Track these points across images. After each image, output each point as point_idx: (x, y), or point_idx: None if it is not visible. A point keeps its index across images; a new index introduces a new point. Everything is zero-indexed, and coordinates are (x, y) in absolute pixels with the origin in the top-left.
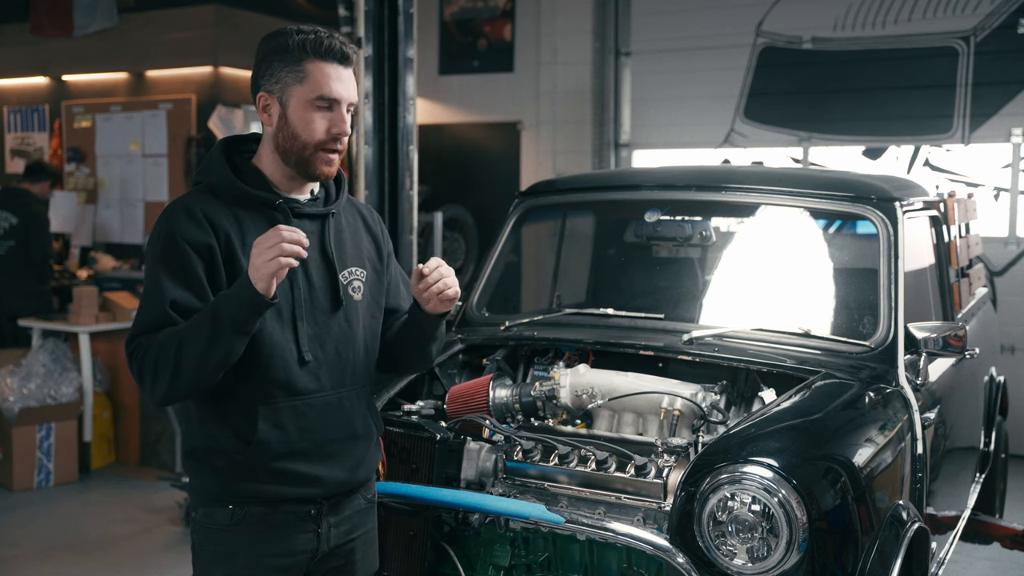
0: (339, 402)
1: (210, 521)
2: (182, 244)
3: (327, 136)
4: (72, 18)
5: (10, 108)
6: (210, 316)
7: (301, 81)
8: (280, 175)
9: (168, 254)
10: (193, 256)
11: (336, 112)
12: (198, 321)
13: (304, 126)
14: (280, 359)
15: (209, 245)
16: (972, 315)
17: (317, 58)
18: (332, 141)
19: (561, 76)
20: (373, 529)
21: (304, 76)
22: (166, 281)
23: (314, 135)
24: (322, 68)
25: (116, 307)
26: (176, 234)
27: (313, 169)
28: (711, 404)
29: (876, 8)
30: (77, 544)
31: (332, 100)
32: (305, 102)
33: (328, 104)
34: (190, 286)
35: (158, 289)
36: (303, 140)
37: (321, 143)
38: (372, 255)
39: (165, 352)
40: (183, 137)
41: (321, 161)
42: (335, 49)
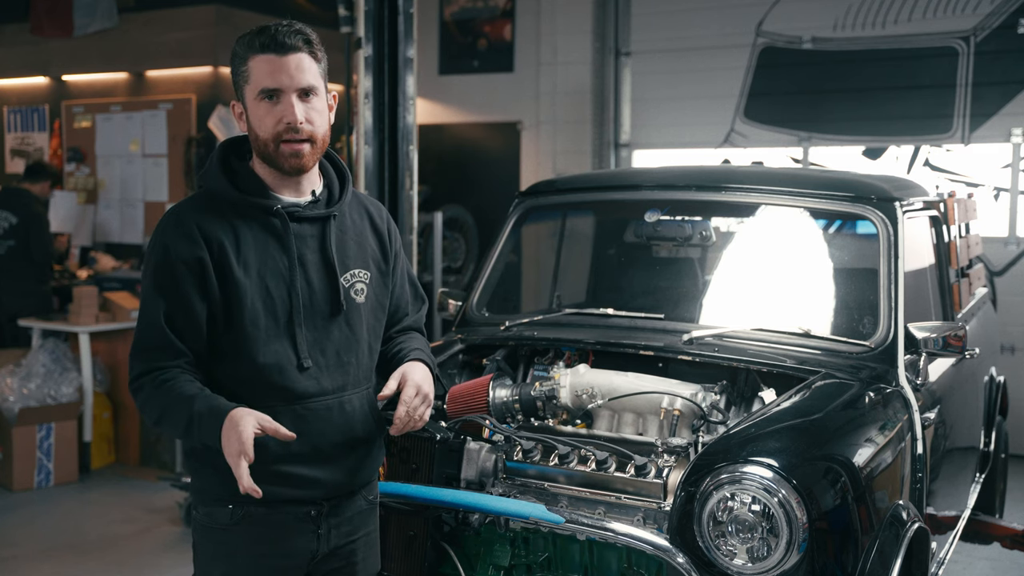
0: (340, 406)
1: (210, 520)
2: (173, 260)
3: (280, 127)
4: (72, 18)
5: (10, 108)
6: (186, 420)
7: (248, 80)
8: (272, 178)
9: (160, 270)
10: (183, 271)
11: (282, 102)
12: (178, 410)
13: (258, 123)
14: (277, 367)
15: (200, 258)
16: (972, 315)
17: (255, 53)
18: (288, 131)
19: (561, 76)
20: (374, 531)
21: (248, 74)
22: (159, 298)
23: (265, 129)
24: (259, 62)
25: (116, 307)
26: (169, 248)
27: (281, 163)
28: (711, 404)
29: (876, 8)
30: (77, 544)
31: (273, 90)
32: (253, 100)
33: (270, 94)
34: (182, 303)
35: (153, 305)
36: (261, 137)
37: (277, 136)
38: (377, 255)
39: (151, 407)
40: (183, 137)
41: (284, 154)
42: (269, 40)
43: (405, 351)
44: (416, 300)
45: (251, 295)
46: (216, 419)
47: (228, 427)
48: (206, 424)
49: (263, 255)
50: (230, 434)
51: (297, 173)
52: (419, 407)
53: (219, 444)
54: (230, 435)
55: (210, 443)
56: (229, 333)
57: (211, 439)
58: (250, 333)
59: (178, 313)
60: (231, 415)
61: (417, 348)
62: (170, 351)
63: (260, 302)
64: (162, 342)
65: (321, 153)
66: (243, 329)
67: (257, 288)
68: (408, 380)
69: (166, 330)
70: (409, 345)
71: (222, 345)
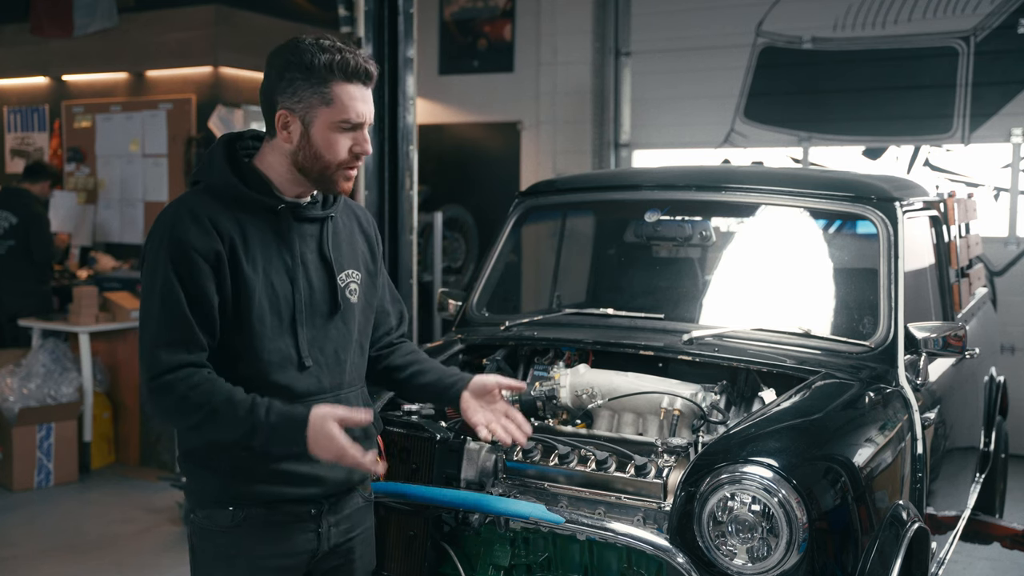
0: (337, 403)
1: (210, 523)
2: (190, 251)
3: (350, 156)
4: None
5: (10, 108)
6: (248, 426)
7: (328, 103)
8: (287, 181)
9: (177, 261)
10: (204, 265)
11: (360, 132)
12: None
13: (328, 147)
14: (280, 365)
15: (217, 252)
16: (972, 315)
17: (344, 80)
18: (354, 160)
19: (561, 76)
20: (371, 528)
21: (331, 99)
22: (178, 289)
23: (338, 156)
24: (349, 91)
25: (116, 307)
26: (184, 240)
27: (335, 187)
28: (711, 404)
29: (876, 8)
30: (77, 544)
31: (359, 123)
32: (330, 124)
33: (353, 126)
34: (200, 294)
35: (172, 296)
36: (327, 160)
37: (344, 162)
38: (367, 257)
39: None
40: (183, 137)
41: (342, 178)
42: (361, 70)
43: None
44: (396, 303)
45: (259, 292)
46: (297, 427)
47: (316, 433)
48: (282, 433)
49: (268, 252)
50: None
51: (338, 194)
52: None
53: (299, 449)
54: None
55: (282, 450)
56: (236, 330)
57: (288, 446)
58: (257, 330)
59: (197, 305)
60: (313, 421)
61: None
62: (194, 345)
63: (266, 300)
64: (187, 335)
65: None
66: (251, 326)
67: (264, 285)
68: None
69: (192, 322)
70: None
71: (228, 341)
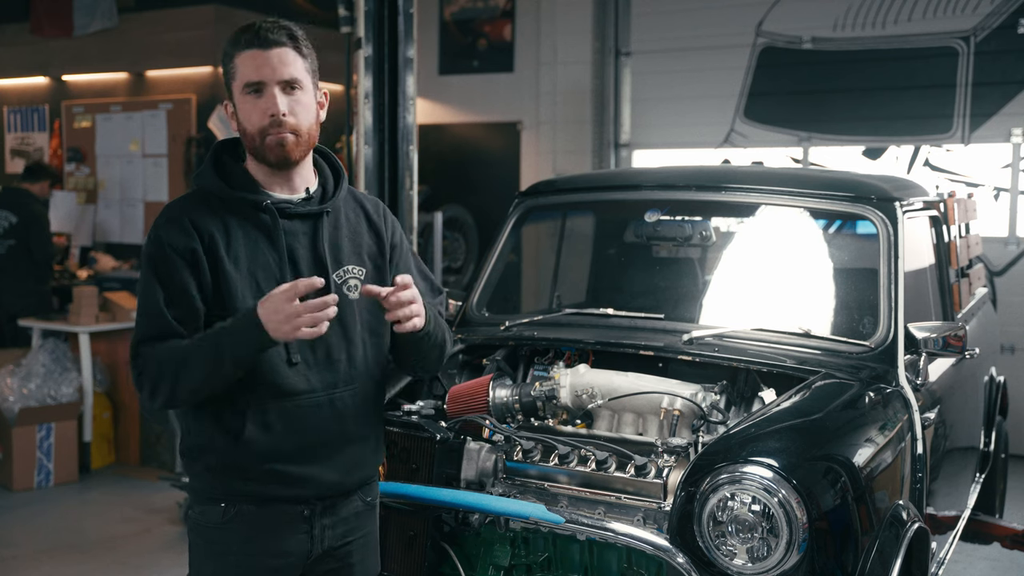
0: (330, 403)
1: (204, 519)
2: (168, 250)
3: (265, 120)
4: (72, 18)
5: (10, 108)
6: (212, 346)
7: (234, 76)
8: (263, 175)
9: (156, 261)
10: (179, 261)
11: (266, 95)
12: (199, 347)
13: (245, 117)
14: (268, 362)
15: (193, 249)
16: (972, 315)
17: (239, 49)
18: (273, 125)
19: (561, 76)
20: (373, 532)
21: (235, 70)
22: (157, 288)
23: (253, 123)
24: (244, 58)
25: (116, 307)
26: (163, 240)
27: (267, 155)
28: (711, 404)
29: (876, 8)
30: (77, 544)
31: (256, 83)
32: (240, 95)
33: (255, 88)
34: (179, 291)
35: (152, 296)
36: (249, 131)
37: (263, 129)
38: (374, 251)
39: (164, 369)
40: (183, 137)
41: (271, 146)
42: (252, 36)
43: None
44: (432, 292)
45: (241, 289)
46: (246, 325)
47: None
48: (238, 337)
49: (253, 251)
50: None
51: (284, 165)
52: (407, 299)
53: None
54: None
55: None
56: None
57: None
58: None
59: (176, 302)
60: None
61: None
62: (172, 337)
63: (251, 297)
64: (164, 330)
65: (308, 147)
66: None
67: (248, 283)
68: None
69: (168, 317)
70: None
71: None
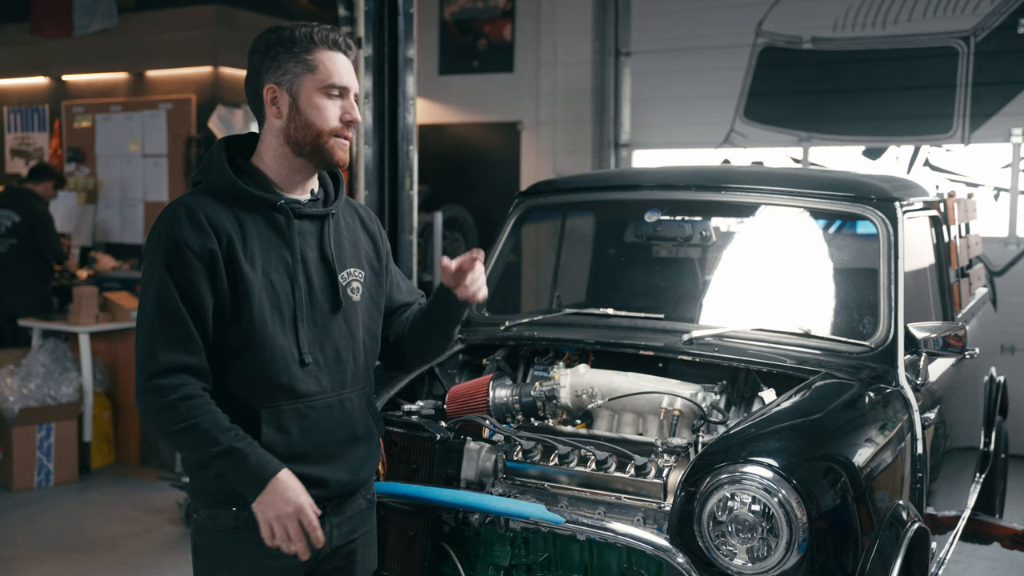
0: (340, 404)
1: (213, 523)
2: (184, 251)
3: (340, 122)
4: (72, 18)
5: (10, 108)
6: (218, 451)
7: (312, 70)
8: (282, 174)
9: (171, 261)
10: (197, 264)
11: (347, 99)
12: (208, 438)
13: (318, 114)
14: (281, 362)
15: (212, 250)
16: (972, 315)
17: (326, 48)
18: (345, 127)
19: (561, 76)
20: (373, 529)
21: (315, 65)
22: (172, 287)
23: (328, 122)
24: (331, 57)
25: (116, 307)
26: (179, 240)
27: (330, 156)
28: (711, 404)
29: (876, 8)
30: (77, 544)
31: (343, 88)
32: (317, 90)
33: (339, 92)
34: (194, 293)
35: (167, 294)
36: (318, 128)
37: (335, 130)
38: (371, 256)
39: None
40: (183, 137)
41: (337, 147)
42: (340, 40)
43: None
44: (413, 292)
45: (257, 289)
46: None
47: (261, 507)
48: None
49: (267, 250)
50: (279, 498)
51: (334, 167)
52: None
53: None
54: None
55: (235, 479)
56: (236, 328)
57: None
58: (258, 328)
59: (191, 303)
60: (283, 478)
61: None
62: (191, 344)
63: (266, 297)
64: (183, 334)
65: None
66: (251, 324)
67: (263, 283)
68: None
69: (188, 321)
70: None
71: (228, 340)
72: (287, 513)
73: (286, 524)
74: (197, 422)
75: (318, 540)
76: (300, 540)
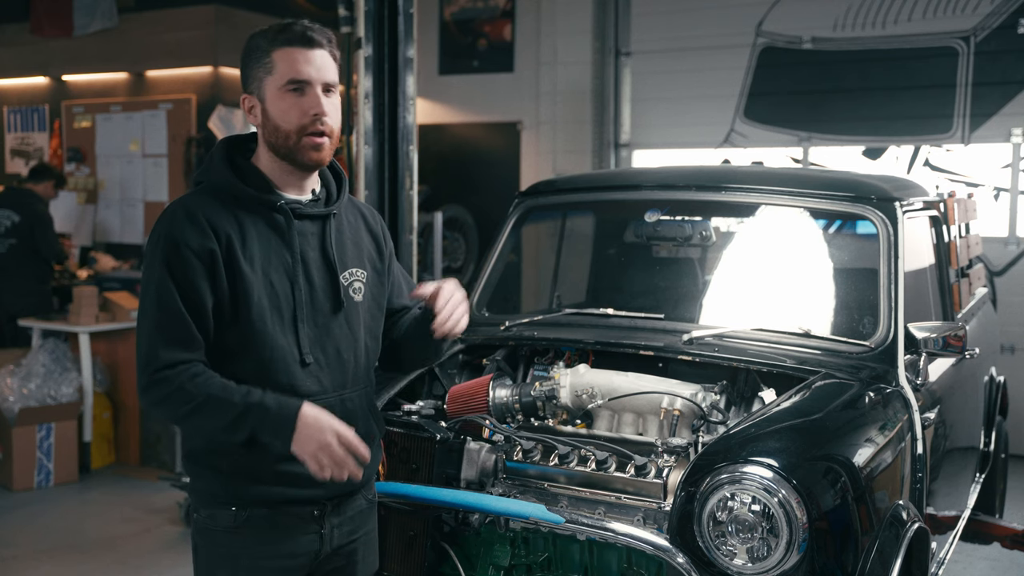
0: (341, 404)
1: (213, 523)
2: (184, 251)
3: (306, 119)
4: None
5: (10, 108)
6: (238, 412)
7: (271, 72)
8: (279, 174)
9: (171, 261)
10: (196, 263)
11: (309, 94)
12: (224, 403)
13: (282, 114)
14: (282, 362)
15: (211, 250)
16: (972, 315)
17: (281, 46)
18: (313, 123)
19: (561, 76)
20: (374, 529)
21: (272, 66)
22: (172, 287)
23: (292, 121)
24: (287, 53)
25: (116, 307)
26: (178, 240)
27: (302, 156)
28: (711, 404)
29: (876, 8)
30: (77, 544)
31: (301, 82)
32: (278, 91)
33: (298, 86)
34: (194, 294)
35: (167, 294)
36: (284, 129)
37: (302, 128)
38: (373, 255)
39: (181, 399)
40: (183, 137)
41: (307, 147)
42: (296, 33)
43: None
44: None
45: (257, 289)
46: (280, 419)
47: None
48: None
49: (267, 250)
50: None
51: (313, 167)
52: (460, 303)
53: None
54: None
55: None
56: (235, 328)
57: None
58: (258, 328)
59: (191, 303)
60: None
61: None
62: (192, 343)
63: (266, 297)
64: (184, 333)
65: (334, 150)
66: (250, 324)
67: (262, 283)
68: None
69: (188, 320)
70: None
71: (227, 340)
72: (325, 442)
73: (330, 452)
74: (209, 393)
75: (364, 456)
76: (347, 460)
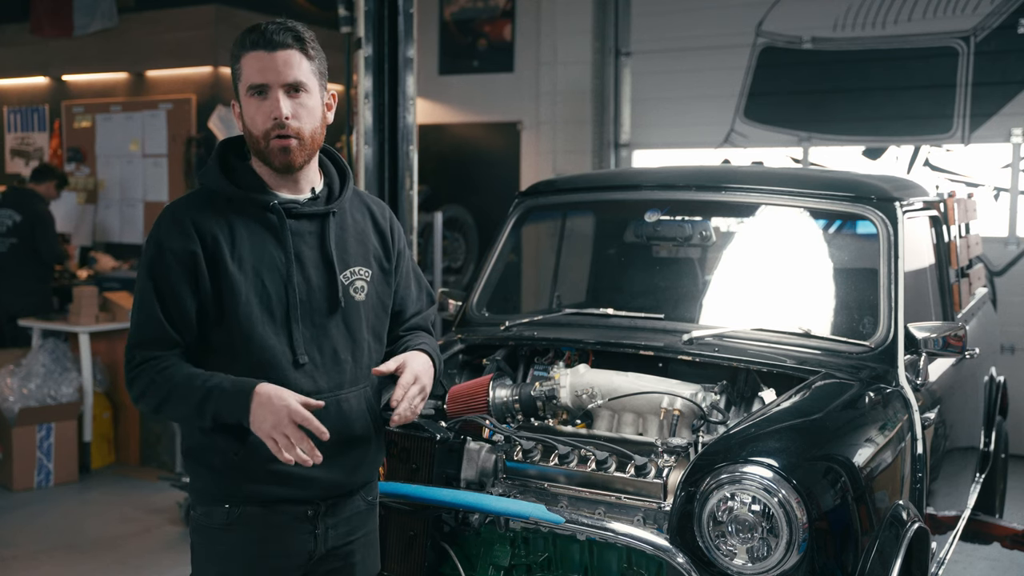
0: (337, 404)
1: (208, 520)
2: (166, 254)
3: (268, 123)
4: (72, 18)
5: (10, 108)
6: (199, 399)
7: (239, 76)
8: (269, 175)
9: (154, 264)
10: (176, 265)
11: (270, 97)
12: (187, 390)
13: (249, 120)
14: (274, 363)
15: (192, 252)
16: (972, 315)
17: (245, 50)
18: (276, 127)
19: (561, 76)
20: (374, 531)
21: (240, 71)
22: (152, 291)
23: (256, 125)
24: (249, 59)
25: (116, 307)
26: (162, 243)
27: (272, 159)
28: (711, 404)
29: (876, 8)
30: (77, 544)
31: (260, 86)
32: (244, 96)
33: (259, 90)
34: (173, 296)
35: (148, 299)
36: (253, 134)
37: (267, 132)
38: (379, 253)
39: (153, 392)
40: (183, 137)
41: (275, 149)
42: (258, 38)
43: (411, 345)
44: (423, 298)
45: (245, 290)
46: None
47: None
48: (225, 403)
49: (259, 251)
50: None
51: (287, 170)
52: (415, 396)
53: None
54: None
55: (229, 418)
56: (221, 328)
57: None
58: (244, 328)
59: (171, 306)
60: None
61: (423, 342)
62: (166, 342)
63: (255, 297)
64: (159, 333)
65: (312, 151)
66: (237, 324)
67: (252, 283)
68: (407, 366)
69: (163, 322)
70: (415, 340)
71: (215, 341)
72: (279, 420)
73: (284, 430)
74: (174, 383)
75: (321, 432)
76: (304, 439)
